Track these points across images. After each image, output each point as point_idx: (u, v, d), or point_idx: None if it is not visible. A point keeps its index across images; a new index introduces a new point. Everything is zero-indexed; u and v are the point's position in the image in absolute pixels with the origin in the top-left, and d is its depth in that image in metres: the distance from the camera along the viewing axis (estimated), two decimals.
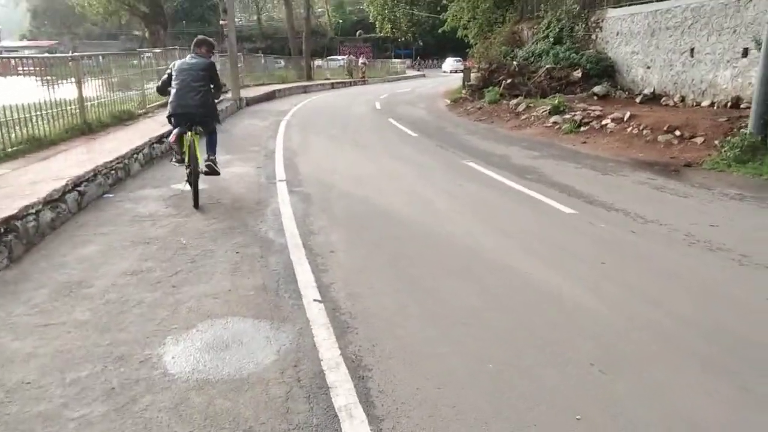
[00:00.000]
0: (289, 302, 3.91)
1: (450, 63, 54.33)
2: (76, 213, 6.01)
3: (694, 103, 13.27)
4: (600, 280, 4.38)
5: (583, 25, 18.57)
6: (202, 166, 6.54)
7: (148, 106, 12.73)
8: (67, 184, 5.84)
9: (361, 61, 38.50)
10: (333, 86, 32.04)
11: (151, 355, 3.21)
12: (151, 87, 13.70)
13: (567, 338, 3.44)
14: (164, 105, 11.20)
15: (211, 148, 6.81)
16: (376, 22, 58.67)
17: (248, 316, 3.71)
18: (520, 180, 8.04)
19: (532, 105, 15.22)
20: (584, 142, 11.42)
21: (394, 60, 53.16)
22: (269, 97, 22.60)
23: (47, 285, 4.16)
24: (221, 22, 20.67)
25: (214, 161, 6.69)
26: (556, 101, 14.05)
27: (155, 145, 9.01)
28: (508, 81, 17.74)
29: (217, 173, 6.77)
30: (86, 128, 9.29)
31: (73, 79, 9.15)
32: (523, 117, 14.70)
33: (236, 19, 56.86)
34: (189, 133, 6.34)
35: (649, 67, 15.48)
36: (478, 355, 3.22)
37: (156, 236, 5.34)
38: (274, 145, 11.04)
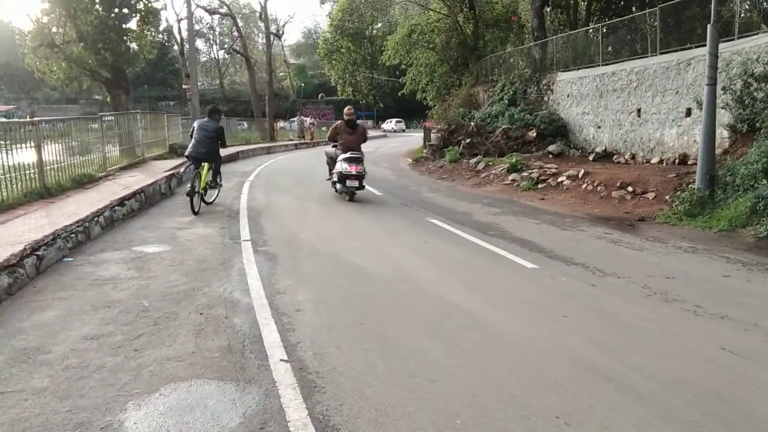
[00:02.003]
0: (255, 363, 3.86)
1: (391, 124, 55.59)
2: (35, 277, 5.86)
3: (644, 160, 13.92)
4: (563, 334, 4.47)
5: (536, 88, 19.48)
6: (208, 183, 10.38)
7: (109, 169, 12.65)
8: (24, 249, 5.71)
9: (309, 121, 38.42)
10: (297, 147, 32.42)
11: (112, 421, 3.11)
12: (113, 150, 13.70)
13: (532, 391, 3.48)
14: (125, 168, 12.02)
15: (214, 175, 10.69)
16: (338, 86, 60.38)
17: (213, 378, 3.64)
18: (483, 236, 8.22)
19: (491, 163, 15.70)
20: (542, 199, 11.79)
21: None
22: (232, 158, 22.68)
23: (3, 352, 4.02)
24: (184, 86, 20.95)
25: (216, 181, 10.75)
26: (514, 160, 14.55)
27: (117, 207, 8.91)
28: (467, 141, 18.31)
29: (219, 185, 11.09)
30: (45, 192, 9.17)
31: (32, 144, 9.08)
32: (483, 175, 15.12)
33: (199, 83, 57.55)
34: (204, 164, 10.22)
35: (599, 127, 16.25)
36: (447, 412, 3.22)
37: (117, 299, 5.24)
38: (238, 205, 11.04)
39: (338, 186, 11.77)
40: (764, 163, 8.12)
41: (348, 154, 11.62)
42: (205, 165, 10.24)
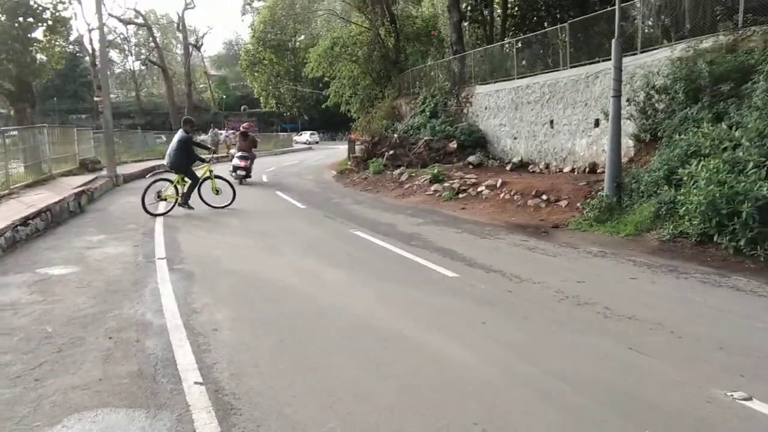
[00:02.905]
0: (168, 387, 3.69)
1: (305, 136, 54.98)
2: None
3: (558, 170, 14.54)
4: (481, 340, 4.55)
5: (455, 100, 19.99)
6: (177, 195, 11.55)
7: (12, 187, 11.87)
8: None
9: (224, 134, 36.79)
10: (218, 160, 31.60)
11: None
12: (17, 167, 12.86)
13: (451, 400, 3.52)
14: (30, 185, 13.29)
15: (185, 194, 11.64)
16: (261, 98, 59.56)
17: (121, 406, 3.45)
18: (406, 246, 8.29)
19: (413, 174, 15.93)
20: (463, 208, 12.06)
21: (280, 134, 53.61)
22: (149, 172, 21.84)
23: None
24: (96, 98, 20.01)
25: (184, 201, 11.67)
26: (436, 171, 14.83)
27: (19, 227, 8.35)
28: (391, 152, 18.51)
29: (190, 208, 11.74)
30: None
31: None
32: (407, 186, 15.32)
33: (113, 96, 55.25)
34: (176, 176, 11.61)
35: (516, 138, 16.85)
36: (366, 427, 3.20)
37: (18, 326, 4.88)
38: (153, 222, 10.61)
39: (233, 174, 17.71)
40: (665, 170, 8.64)
41: (239, 154, 18.27)
42: (176, 175, 11.61)
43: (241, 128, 19.50)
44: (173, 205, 11.58)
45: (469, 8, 24.35)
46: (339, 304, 5.61)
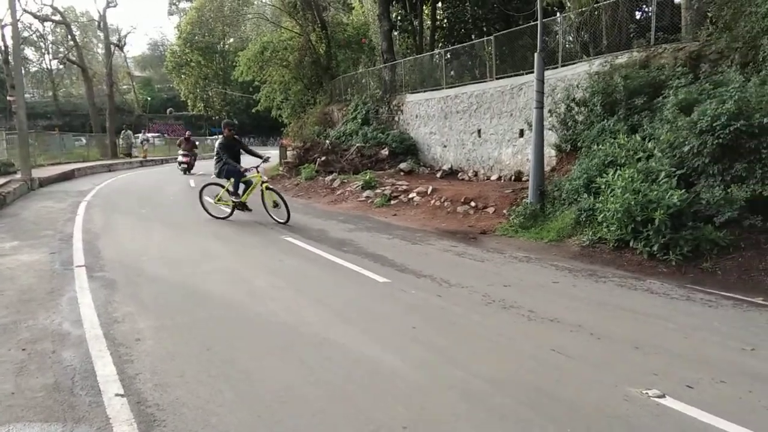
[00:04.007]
0: (87, 400, 3.52)
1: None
2: None
3: (486, 177, 14.95)
4: (410, 345, 4.61)
5: (387, 108, 20.19)
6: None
7: None
8: None
9: (142, 137, 34.93)
10: (142, 164, 30.49)
11: None
12: None
13: (380, 404, 3.54)
14: None
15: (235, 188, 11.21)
16: (188, 100, 57.96)
17: (36, 420, 3.26)
18: (338, 252, 8.28)
19: (346, 181, 15.94)
20: (395, 215, 12.18)
21: (208, 138, 52.02)
22: (67, 176, 20.80)
23: None
24: (9, 98, 18.88)
25: (241, 206, 11.33)
26: (368, 177, 14.91)
27: None
28: (323, 158, 18.45)
29: (246, 209, 11.42)
30: None
31: None
32: (339, 192, 15.31)
33: (28, 95, 52.16)
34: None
35: (445, 146, 17.20)
36: None
37: None
38: (72, 228, 10.09)
39: (179, 167, 23.73)
40: (585, 179, 9.06)
41: (183, 152, 24.52)
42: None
43: (186, 135, 25.95)
44: (231, 211, 11.44)
45: (399, 18, 24.70)
46: (270, 310, 5.53)
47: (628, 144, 8.64)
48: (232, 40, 58.07)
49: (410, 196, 13.12)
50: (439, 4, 24.86)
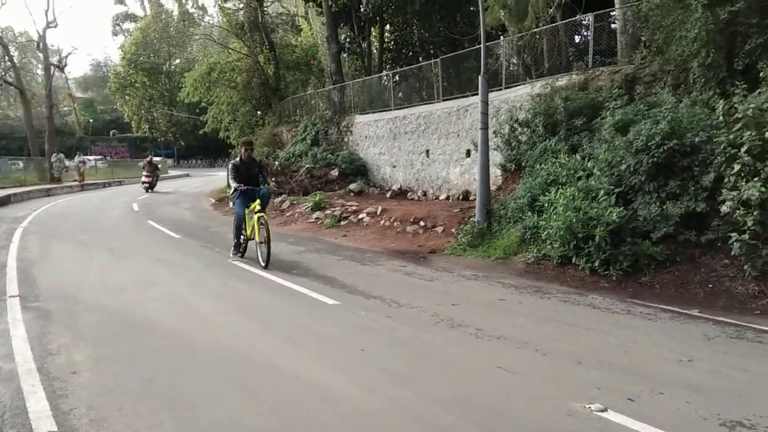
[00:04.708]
0: None
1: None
2: None
3: (434, 197, 15.14)
4: (361, 368, 4.58)
5: (336, 129, 20.26)
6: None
7: None
8: None
9: (78, 159, 32.46)
10: (84, 188, 29.45)
11: None
12: None
13: (330, 430, 3.49)
14: None
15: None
16: (132, 122, 56.64)
17: None
18: (287, 275, 8.17)
19: (295, 202, 15.84)
20: (345, 235, 12.14)
21: (155, 159, 50.64)
22: (2, 202, 19.90)
23: None
24: None
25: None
26: (318, 198, 14.86)
27: None
28: (272, 180, 18.27)
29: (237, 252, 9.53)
30: None
31: None
32: (288, 214, 15.18)
33: None
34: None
35: (395, 166, 17.35)
36: None
37: None
38: (5, 256, 9.63)
39: (142, 185, 25.89)
40: (529, 197, 9.29)
41: (146, 173, 26.45)
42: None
43: (149, 158, 28.49)
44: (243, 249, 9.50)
45: (347, 40, 24.93)
46: (216, 337, 5.40)
47: (569, 163, 8.92)
48: (178, 60, 57.23)
49: (360, 216, 13.13)
50: (387, 27, 25.26)
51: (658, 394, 3.99)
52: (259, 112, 26.73)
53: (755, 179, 6.40)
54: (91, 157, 43.03)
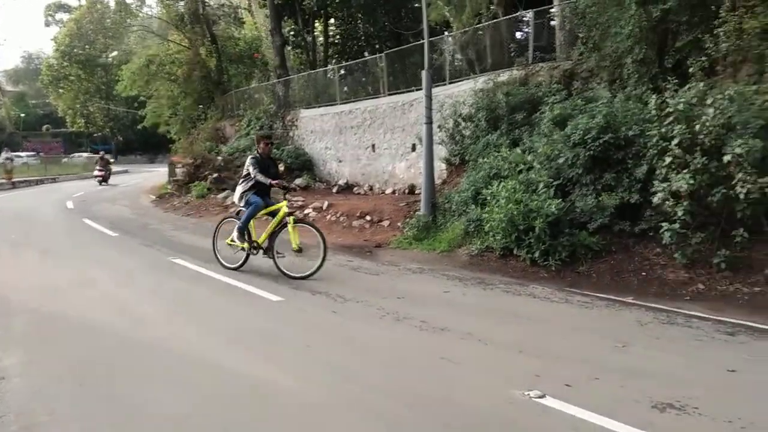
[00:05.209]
0: None
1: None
2: None
3: (381, 191, 15.16)
4: (306, 364, 4.54)
5: (281, 124, 19.99)
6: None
7: None
8: None
9: (4, 156, 30.61)
10: (15, 185, 28.03)
11: None
12: None
13: (275, 428, 3.46)
14: None
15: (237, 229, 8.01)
16: (67, 116, 54.26)
17: None
18: (231, 272, 8.01)
19: None
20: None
21: (83, 155, 48.27)
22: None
23: None
24: None
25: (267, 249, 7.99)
26: None
27: None
28: (215, 175, 17.93)
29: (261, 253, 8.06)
30: None
31: None
32: (232, 210, 14.86)
33: None
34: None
35: (341, 161, 17.28)
36: None
37: None
38: None
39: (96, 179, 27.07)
40: (472, 191, 9.43)
41: (98, 167, 28.06)
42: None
43: (101, 154, 30.10)
44: (246, 257, 8.18)
45: (292, 33, 24.63)
46: (155, 337, 5.24)
47: (511, 157, 9.09)
48: (115, 53, 55.11)
49: (306, 211, 13.03)
50: (332, 21, 25.09)
51: (594, 380, 4.13)
52: (201, 106, 26.03)
53: (685, 171, 6.68)
54: (22, 154, 40.97)
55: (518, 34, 15.71)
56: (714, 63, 7.48)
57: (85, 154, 47.22)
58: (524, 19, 13.92)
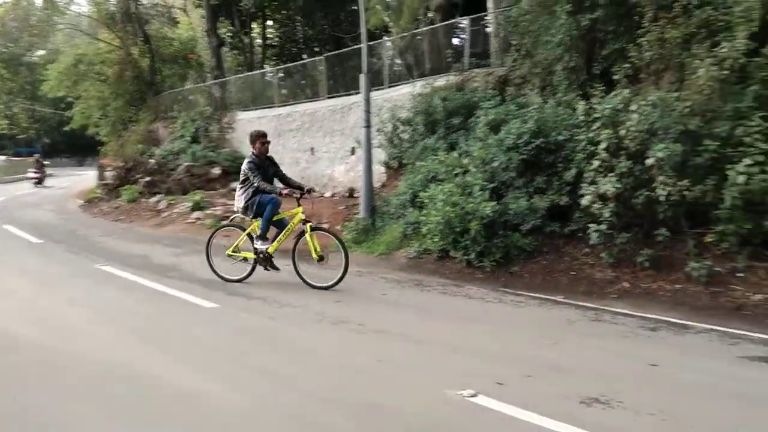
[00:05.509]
0: None
1: None
2: None
3: (320, 195, 15.04)
4: (239, 371, 4.43)
5: (217, 126, 19.56)
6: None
7: None
8: None
9: None
10: None
11: None
12: None
13: None
14: None
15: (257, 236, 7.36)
16: None
17: None
18: (162, 279, 7.76)
19: (173, 202, 15.11)
20: (227, 236, 11.66)
21: (1, 158, 45.46)
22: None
23: None
24: None
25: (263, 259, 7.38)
26: (198, 197, 14.29)
27: None
28: (147, 179, 17.35)
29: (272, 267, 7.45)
30: None
31: None
32: (165, 214, 14.46)
33: None
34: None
35: (280, 164, 17.02)
36: None
37: None
38: None
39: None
40: (410, 194, 9.50)
41: (34, 170, 28.32)
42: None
43: (35, 157, 30.32)
44: (252, 267, 7.53)
45: (228, 34, 24.18)
46: (79, 348, 4.98)
47: (447, 160, 9.21)
48: (41, 51, 52.50)
49: None
50: (270, 23, 24.78)
51: (525, 377, 4.22)
52: (133, 108, 25.11)
53: (611, 174, 6.96)
54: None
55: (455, 41, 15.95)
56: (638, 71, 7.81)
57: (2, 158, 44.53)
58: (461, 25, 14.16)
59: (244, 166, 7.25)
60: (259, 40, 24.76)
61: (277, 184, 7.55)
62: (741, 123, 6.55)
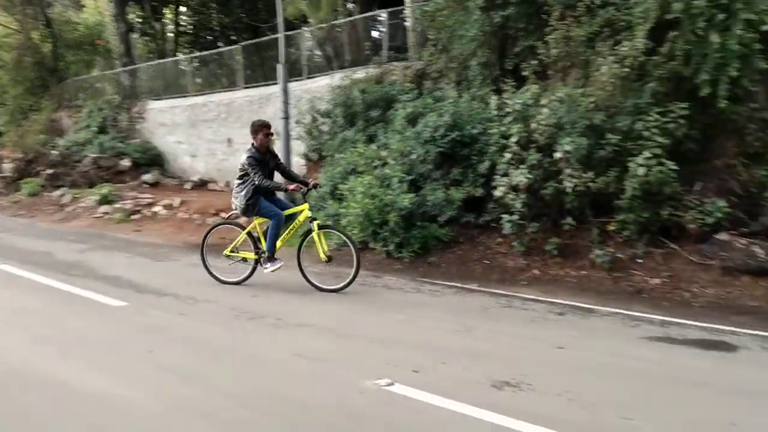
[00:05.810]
0: None
1: None
2: None
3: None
4: (147, 371, 4.25)
5: (127, 115, 18.68)
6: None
7: None
8: None
9: None
10: None
11: None
12: None
13: None
14: None
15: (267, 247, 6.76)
16: None
17: None
18: (65, 277, 7.31)
19: (78, 196, 14.30)
20: (138, 230, 11.26)
21: None
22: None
23: None
24: None
25: (267, 258, 6.75)
26: (105, 191, 13.57)
27: None
28: (50, 171, 16.29)
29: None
30: None
31: None
32: (70, 209, 13.65)
33: None
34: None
35: (195, 156, 16.52)
36: None
37: None
38: None
39: None
40: (330, 186, 9.44)
41: None
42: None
43: None
44: (253, 268, 6.94)
45: (139, 20, 23.06)
46: None
47: (366, 153, 9.23)
48: None
49: (155, 209, 12.28)
50: (184, 9, 23.84)
51: (440, 364, 4.31)
52: (33, 96, 23.47)
53: (522, 167, 7.23)
54: None
55: (375, 34, 16.00)
56: (546, 67, 8.13)
57: None
58: (380, 18, 14.20)
59: (243, 161, 6.69)
60: (171, 27, 23.76)
61: (278, 178, 7.07)
62: (640, 118, 6.98)
